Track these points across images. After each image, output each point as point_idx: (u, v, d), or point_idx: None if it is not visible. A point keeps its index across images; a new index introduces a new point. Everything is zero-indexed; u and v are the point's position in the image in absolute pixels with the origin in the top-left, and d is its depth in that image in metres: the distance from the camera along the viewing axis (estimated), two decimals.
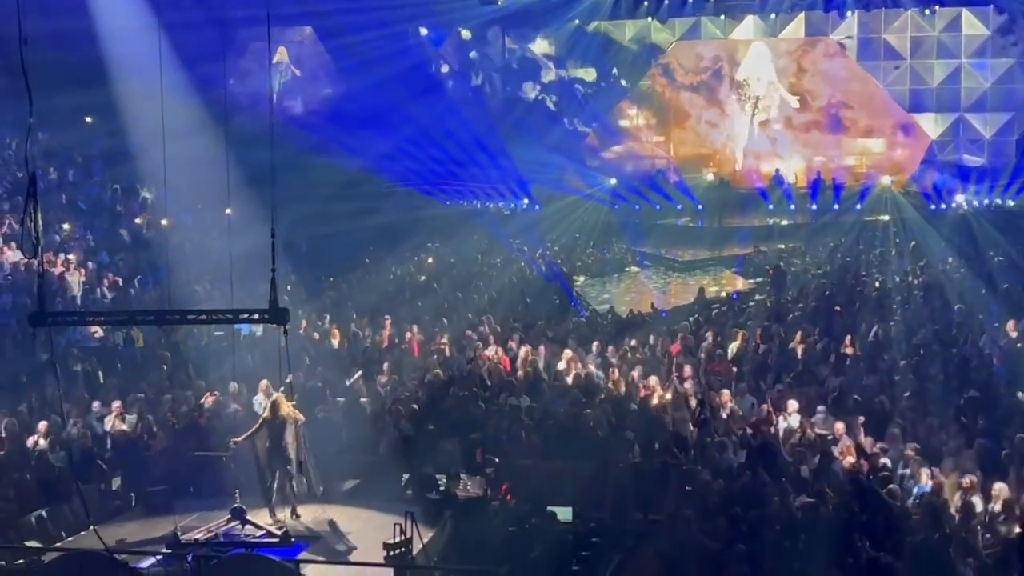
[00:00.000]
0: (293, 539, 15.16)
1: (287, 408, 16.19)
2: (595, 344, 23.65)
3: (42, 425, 18.30)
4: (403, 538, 13.96)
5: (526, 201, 42.32)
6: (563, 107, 45.80)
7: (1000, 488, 14.30)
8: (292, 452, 16.05)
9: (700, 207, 41.37)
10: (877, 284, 29.87)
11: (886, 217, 39.04)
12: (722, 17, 44.54)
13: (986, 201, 39.29)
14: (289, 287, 27.41)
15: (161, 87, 15.85)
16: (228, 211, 22.64)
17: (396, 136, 41.18)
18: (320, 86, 47.00)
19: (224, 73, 29.63)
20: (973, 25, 43.16)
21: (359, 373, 22.04)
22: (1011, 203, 38.98)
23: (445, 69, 47.57)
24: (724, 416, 18.60)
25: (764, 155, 44.25)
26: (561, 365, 22.33)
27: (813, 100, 44.37)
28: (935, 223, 36.58)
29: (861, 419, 17.95)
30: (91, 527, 14.12)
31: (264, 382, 18.31)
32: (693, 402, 19.38)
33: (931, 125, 43.55)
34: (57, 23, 26.30)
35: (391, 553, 13.90)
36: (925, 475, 15.20)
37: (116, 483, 17.62)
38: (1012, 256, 31.77)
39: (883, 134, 43.60)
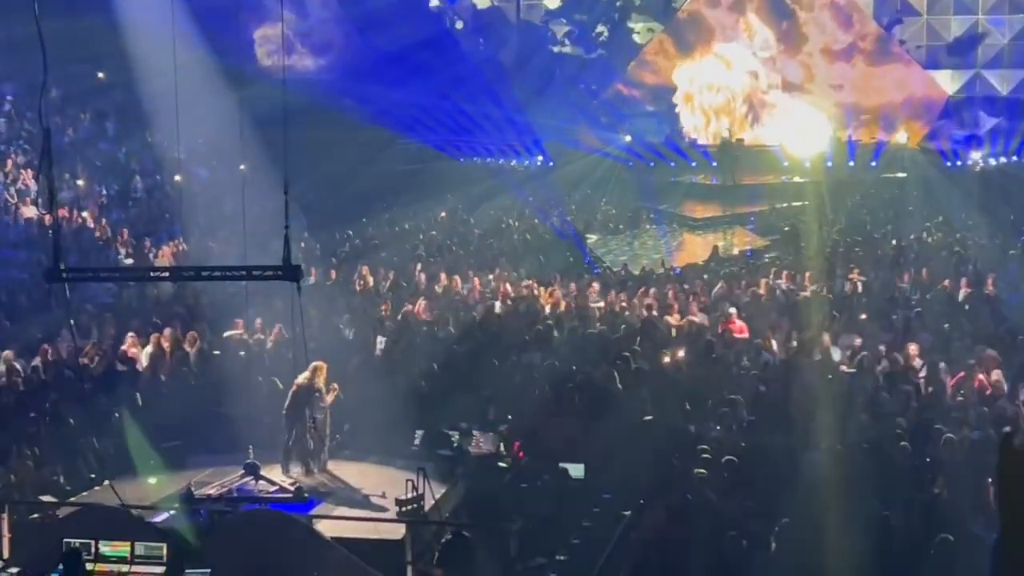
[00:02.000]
0: (306, 494, 15.24)
1: (324, 378, 16.27)
2: (610, 296, 24.02)
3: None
4: (415, 494, 14.03)
5: (540, 158, 42.21)
6: (578, 59, 45.58)
7: None
8: (314, 416, 16.10)
9: (715, 164, 41.20)
10: (893, 242, 29.86)
11: (902, 174, 38.89)
12: None
13: (1003, 159, 39.07)
14: (302, 244, 27.47)
15: (174, 44, 15.81)
16: (242, 167, 22.66)
17: (411, 92, 41.06)
18: (335, 41, 46.87)
19: (239, 29, 29.60)
20: None
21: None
22: None
23: (459, 25, 47.38)
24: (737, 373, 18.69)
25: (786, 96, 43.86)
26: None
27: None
28: (951, 180, 36.44)
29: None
30: (106, 482, 14.22)
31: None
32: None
33: (947, 81, 43.30)
34: None
35: (403, 509, 13.98)
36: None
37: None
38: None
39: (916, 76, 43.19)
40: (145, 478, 15.82)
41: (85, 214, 28.60)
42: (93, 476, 15.88)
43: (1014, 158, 38.97)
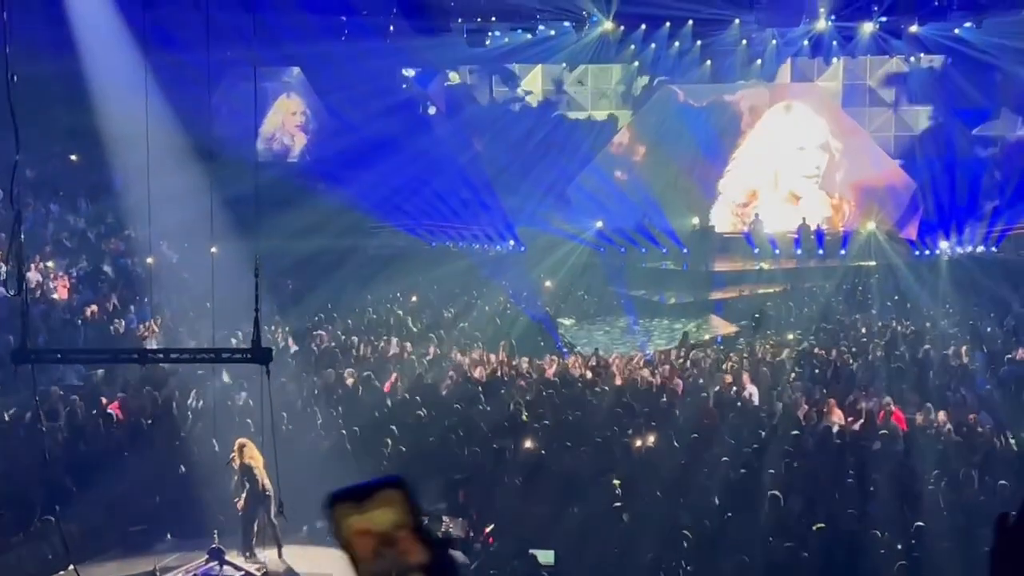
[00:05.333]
0: None
1: (255, 451, 16.17)
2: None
3: None
4: None
5: (512, 242, 42.33)
6: (551, 146, 45.83)
7: None
8: (272, 493, 15.99)
9: (686, 251, 41.37)
10: (864, 329, 30.02)
11: (872, 263, 39.15)
12: (708, 63, 44.67)
13: (970, 248, 39.43)
14: (273, 327, 27.39)
15: (147, 129, 15.87)
16: (213, 250, 22.60)
17: (382, 175, 41.19)
18: (307, 125, 47.17)
19: (210, 111, 29.73)
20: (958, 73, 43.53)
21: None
22: (994, 249, 39.14)
23: (432, 110, 47.73)
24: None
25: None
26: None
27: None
28: (919, 269, 36.72)
29: None
30: (71, 566, 14.03)
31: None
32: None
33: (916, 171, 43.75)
34: (43, 60, 26.49)
35: None
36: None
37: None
38: (996, 302, 31.94)
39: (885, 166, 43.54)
40: None
41: (55, 296, 28.47)
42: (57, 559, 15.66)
43: (980, 248, 39.34)
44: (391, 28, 42.45)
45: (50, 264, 30.61)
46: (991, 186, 41.55)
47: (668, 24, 42.05)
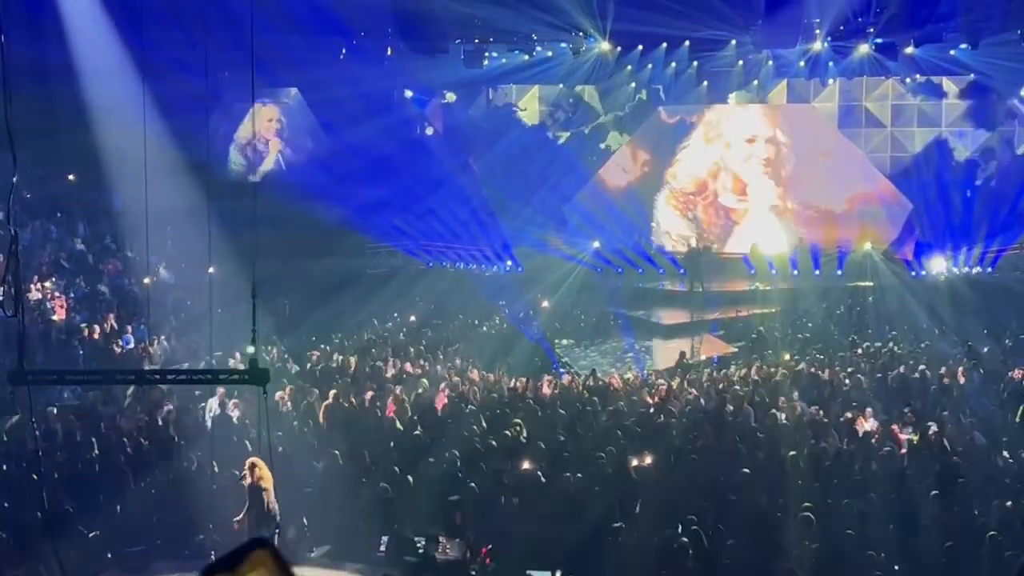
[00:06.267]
0: None
1: (266, 472, 16.13)
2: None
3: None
4: None
5: (509, 263, 42.34)
6: (548, 167, 45.95)
7: None
8: (276, 514, 15.97)
9: (682, 271, 41.39)
10: (860, 350, 30.04)
11: (868, 283, 39.14)
12: (704, 83, 44.77)
13: (966, 268, 39.44)
14: (271, 347, 27.41)
15: (144, 150, 15.90)
16: (211, 270, 22.62)
17: (379, 196, 41.26)
18: (304, 145, 47.22)
19: (208, 132, 29.78)
20: (954, 94, 43.68)
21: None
22: (990, 269, 39.18)
23: (429, 131, 47.82)
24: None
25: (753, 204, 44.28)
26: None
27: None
28: (916, 289, 36.72)
29: None
30: None
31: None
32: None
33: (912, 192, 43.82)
34: (41, 80, 26.55)
35: None
36: None
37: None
38: (993, 322, 32.01)
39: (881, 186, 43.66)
40: None
41: (55, 318, 28.50)
42: None
43: (976, 268, 39.35)
44: (389, 50, 42.59)
45: (48, 284, 30.63)
46: (987, 206, 41.60)
47: (665, 45, 42.09)
